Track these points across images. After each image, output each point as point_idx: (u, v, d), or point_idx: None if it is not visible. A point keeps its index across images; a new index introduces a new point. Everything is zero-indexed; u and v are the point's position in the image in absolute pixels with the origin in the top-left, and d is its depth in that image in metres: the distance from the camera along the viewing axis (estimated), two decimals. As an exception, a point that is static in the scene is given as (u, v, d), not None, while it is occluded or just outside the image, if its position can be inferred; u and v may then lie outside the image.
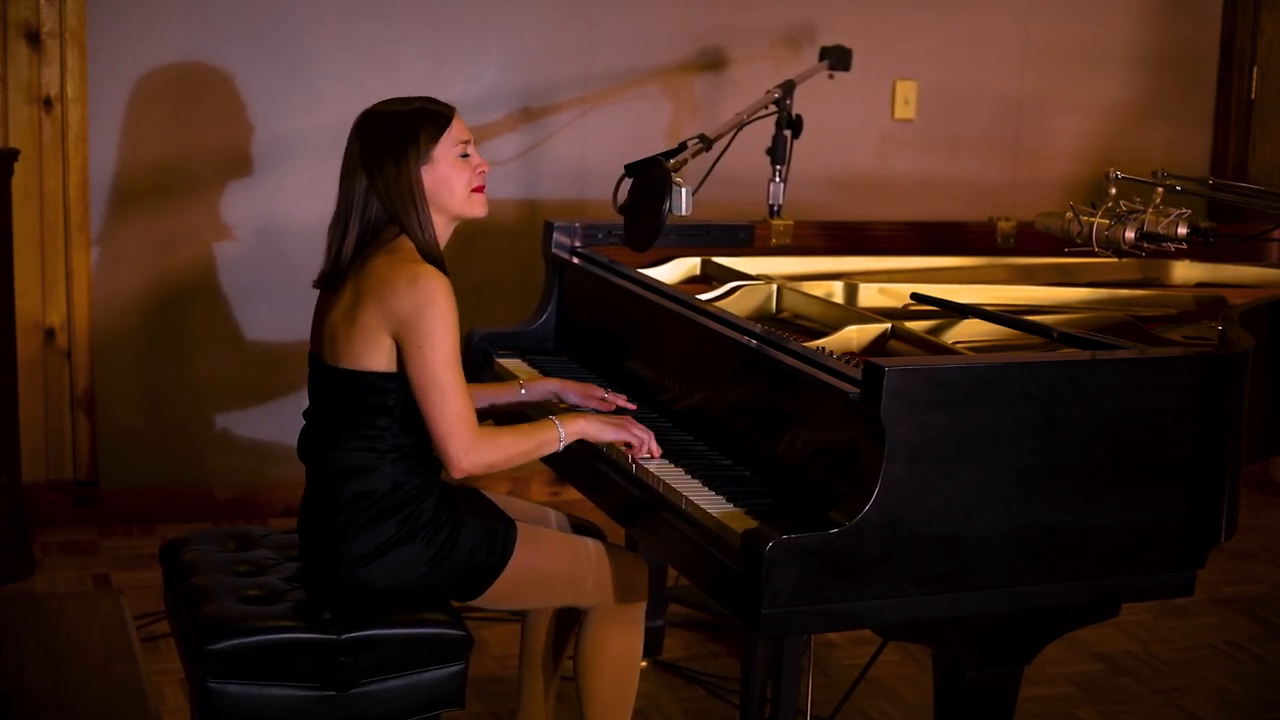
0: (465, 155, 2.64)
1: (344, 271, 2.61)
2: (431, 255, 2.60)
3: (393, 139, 2.60)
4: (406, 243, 2.60)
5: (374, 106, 2.68)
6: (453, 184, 2.63)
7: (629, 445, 2.67)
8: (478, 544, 2.66)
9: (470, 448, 2.55)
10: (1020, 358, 2.46)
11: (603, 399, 2.89)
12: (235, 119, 4.39)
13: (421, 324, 2.51)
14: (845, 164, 4.98)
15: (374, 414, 2.59)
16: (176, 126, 4.36)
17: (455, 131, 2.64)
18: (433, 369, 2.52)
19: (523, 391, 2.93)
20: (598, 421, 2.68)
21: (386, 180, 2.59)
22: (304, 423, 2.73)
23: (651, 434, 2.68)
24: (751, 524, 2.33)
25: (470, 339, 3.34)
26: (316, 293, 2.72)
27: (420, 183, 2.60)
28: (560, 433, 2.65)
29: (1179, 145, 5.39)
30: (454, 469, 2.57)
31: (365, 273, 2.57)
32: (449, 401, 2.53)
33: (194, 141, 4.37)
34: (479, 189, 2.67)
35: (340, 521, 2.61)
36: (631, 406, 2.89)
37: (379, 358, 2.56)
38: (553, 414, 2.70)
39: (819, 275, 3.35)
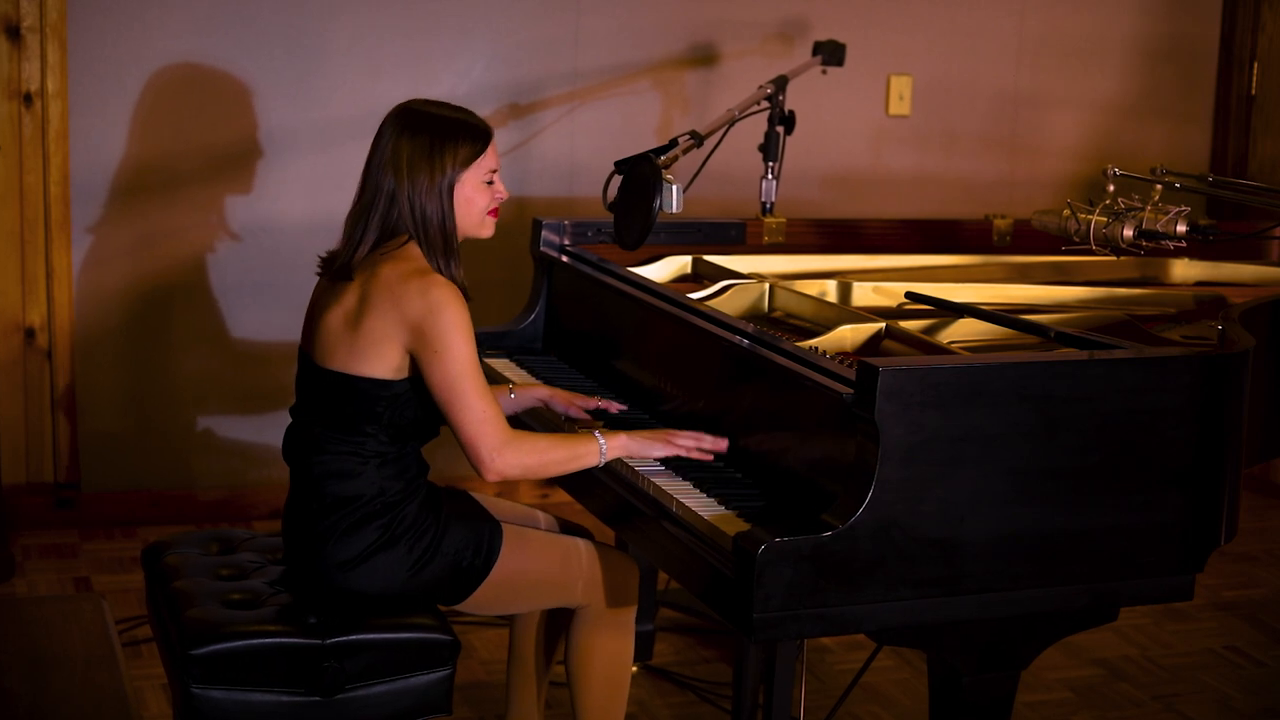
0: (490, 182, 2.65)
1: (350, 268, 2.59)
2: (441, 270, 2.59)
3: (431, 149, 2.58)
4: (415, 249, 2.60)
5: (416, 105, 2.66)
6: (472, 206, 2.64)
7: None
8: (463, 548, 2.65)
9: (499, 450, 2.54)
10: (1017, 358, 2.45)
11: (590, 411, 2.87)
12: (219, 114, 4.38)
13: (435, 332, 2.51)
14: (839, 161, 4.97)
15: (362, 420, 2.58)
16: (159, 122, 4.34)
17: (488, 158, 2.64)
18: (451, 375, 2.52)
19: (512, 396, 2.93)
20: (642, 438, 2.65)
21: (417, 189, 2.58)
22: (290, 421, 2.72)
23: (699, 436, 2.63)
24: (743, 527, 2.32)
25: (457, 339, 3.32)
26: (302, 292, 2.71)
27: (450, 197, 2.60)
28: (601, 446, 2.62)
29: (1178, 141, 5.40)
30: (485, 472, 2.56)
31: (373, 279, 2.56)
32: (471, 404, 2.53)
33: (177, 138, 4.36)
34: (493, 212, 2.68)
35: (323, 526, 2.60)
36: (621, 407, 2.87)
37: (379, 365, 2.56)
38: (597, 429, 2.68)
39: (812, 274, 3.35)
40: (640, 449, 2.63)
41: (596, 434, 2.63)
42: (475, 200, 2.63)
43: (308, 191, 4.41)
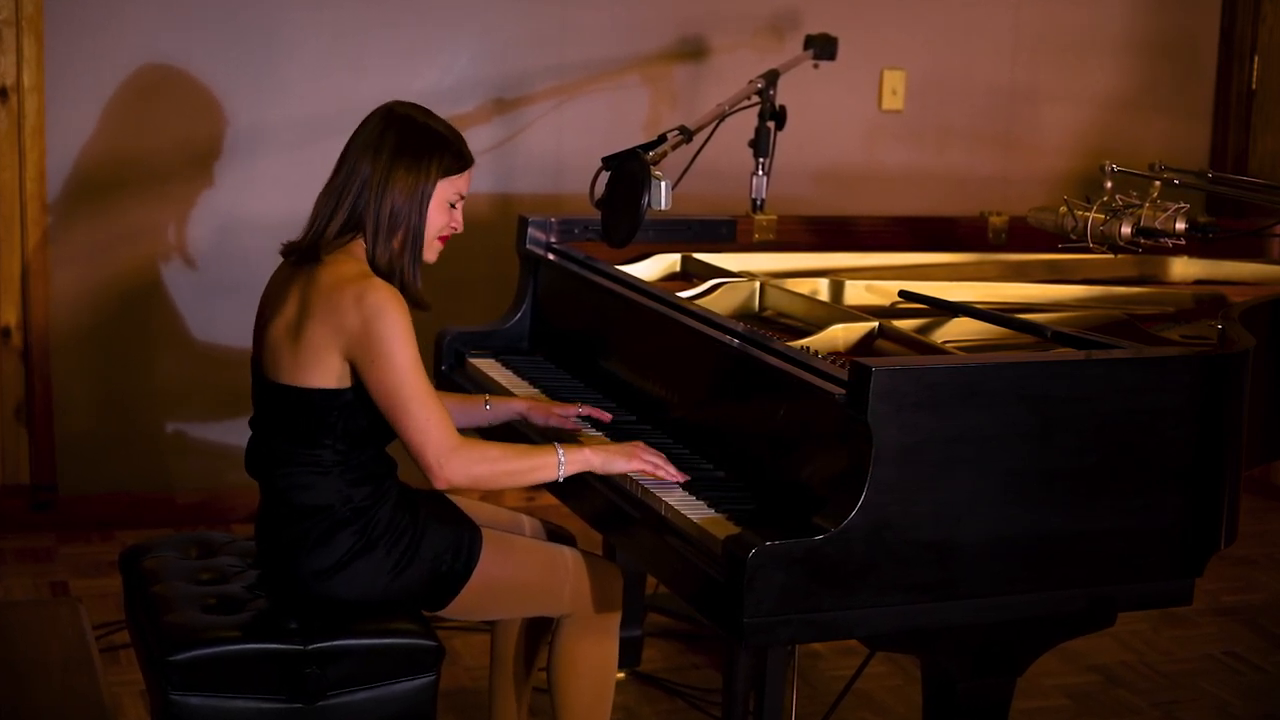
0: (454, 205, 2.63)
1: (319, 248, 2.55)
2: (384, 273, 2.56)
3: (419, 151, 2.57)
4: (359, 249, 2.58)
5: (410, 109, 2.62)
6: (432, 220, 2.61)
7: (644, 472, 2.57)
8: (442, 552, 2.63)
9: (448, 455, 2.50)
10: (1012, 358, 2.45)
11: (571, 417, 2.81)
12: (199, 110, 4.37)
13: (372, 339, 2.47)
14: (831, 157, 4.97)
15: (318, 432, 2.56)
16: (138, 118, 4.33)
17: (462, 180, 2.63)
18: (393, 381, 2.48)
19: (487, 408, 2.90)
20: (604, 452, 2.58)
21: (393, 181, 2.55)
22: (250, 433, 2.69)
23: (663, 456, 2.56)
24: (734, 530, 2.31)
25: (442, 339, 3.33)
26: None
27: (426, 201, 2.57)
28: (560, 460, 2.56)
29: (1177, 137, 5.40)
30: (434, 479, 2.52)
31: (311, 285, 2.54)
32: (414, 410, 2.49)
33: (156, 134, 4.35)
34: (443, 239, 2.65)
35: (295, 535, 2.58)
36: (607, 417, 2.83)
37: (324, 376, 2.53)
38: (559, 441, 2.63)
39: (803, 272, 3.33)
40: (604, 464, 2.56)
41: (558, 448, 2.57)
42: (435, 216, 2.60)
43: (288, 189, 4.38)
